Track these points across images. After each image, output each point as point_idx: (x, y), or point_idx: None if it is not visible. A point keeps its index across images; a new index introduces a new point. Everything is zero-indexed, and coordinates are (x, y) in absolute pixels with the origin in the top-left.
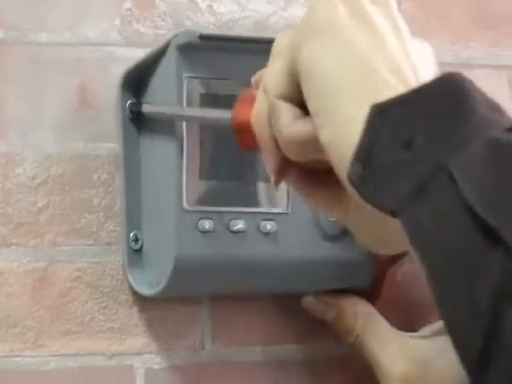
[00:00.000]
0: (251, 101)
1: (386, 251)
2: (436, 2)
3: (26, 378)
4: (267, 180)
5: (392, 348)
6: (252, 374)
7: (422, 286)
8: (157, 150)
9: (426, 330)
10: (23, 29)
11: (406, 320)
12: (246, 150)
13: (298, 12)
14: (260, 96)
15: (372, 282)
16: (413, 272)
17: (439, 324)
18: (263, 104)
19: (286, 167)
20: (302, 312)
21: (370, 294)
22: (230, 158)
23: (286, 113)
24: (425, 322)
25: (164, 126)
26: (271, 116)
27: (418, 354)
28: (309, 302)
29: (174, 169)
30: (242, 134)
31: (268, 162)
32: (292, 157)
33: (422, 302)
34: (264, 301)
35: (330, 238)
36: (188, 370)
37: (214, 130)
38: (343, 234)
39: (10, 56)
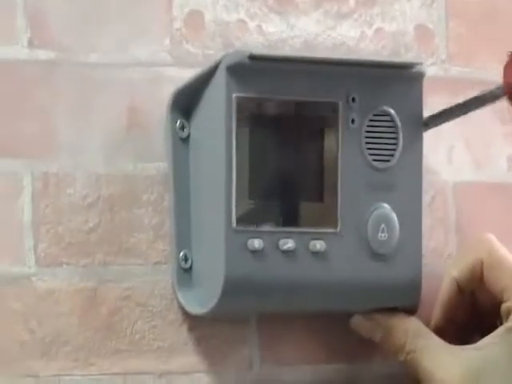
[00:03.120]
0: None
1: None
2: (483, 20)
3: None
4: (317, 199)
5: (445, 361)
6: None
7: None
8: (206, 170)
9: (480, 342)
10: (73, 50)
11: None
12: None
13: (346, 31)
14: None
15: None
16: None
17: (492, 335)
18: None
19: None
20: (350, 331)
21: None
22: (280, 176)
23: None
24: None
25: (213, 145)
26: None
27: (471, 364)
28: (357, 321)
29: (223, 188)
30: None
31: None
32: None
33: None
34: (312, 320)
35: (380, 257)
36: None
37: (264, 149)
38: (393, 254)
39: (61, 77)
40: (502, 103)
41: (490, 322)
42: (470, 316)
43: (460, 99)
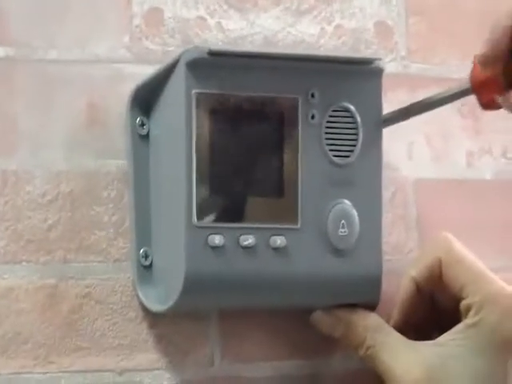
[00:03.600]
0: None
1: None
2: (443, 17)
3: None
4: (277, 195)
5: (405, 356)
6: None
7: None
8: (166, 166)
9: (440, 338)
10: (33, 46)
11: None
12: (488, 109)
13: (305, 28)
14: None
15: None
16: None
17: (452, 332)
18: None
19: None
20: (311, 328)
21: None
22: (240, 172)
23: None
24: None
25: (173, 142)
26: None
27: (431, 360)
28: (318, 317)
29: (183, 184)
30: (483, 92)
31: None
32: None
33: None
34: (273, 317)
35: (340, 252)
36: None
37: (224, 145)
38: (353, 249)
39: (20, 73)
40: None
41: (448, 321)
42: (428, 316)
43: (419, 95)
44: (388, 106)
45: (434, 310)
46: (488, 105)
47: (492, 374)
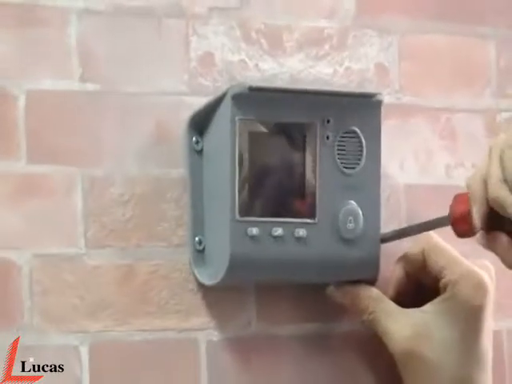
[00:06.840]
0: (465, 200)
1: None
2: (428, 61)
3: (117, 348)
4: (300, 197)
5: (399, 319)
6: (287, 346)
7: None
8: (215, 174)
9: (424, 307)
10: (115, 83)
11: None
12: (463, 237)
13: (322, 69)
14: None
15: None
16: None
17: (433, 302)
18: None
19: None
20: (325, 298)
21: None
22: (272, 180)
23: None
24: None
25: (221, 156)
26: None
27: (417, 322)
28: (331, 290)
29: (228, 188)
30: (460, 225)
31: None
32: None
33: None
34: (297, 289)
35: (348, 241)
36: (239, 341)
37: (259, 159)
38: (358, 239)
39: (105, 103)
40: (440, 121)
41: (431, 299)
42: (415, 295)
43: (409, 122)
44: (384, 129)
45: (419, 290)
46: (462, 235)
47: (463, 331)
